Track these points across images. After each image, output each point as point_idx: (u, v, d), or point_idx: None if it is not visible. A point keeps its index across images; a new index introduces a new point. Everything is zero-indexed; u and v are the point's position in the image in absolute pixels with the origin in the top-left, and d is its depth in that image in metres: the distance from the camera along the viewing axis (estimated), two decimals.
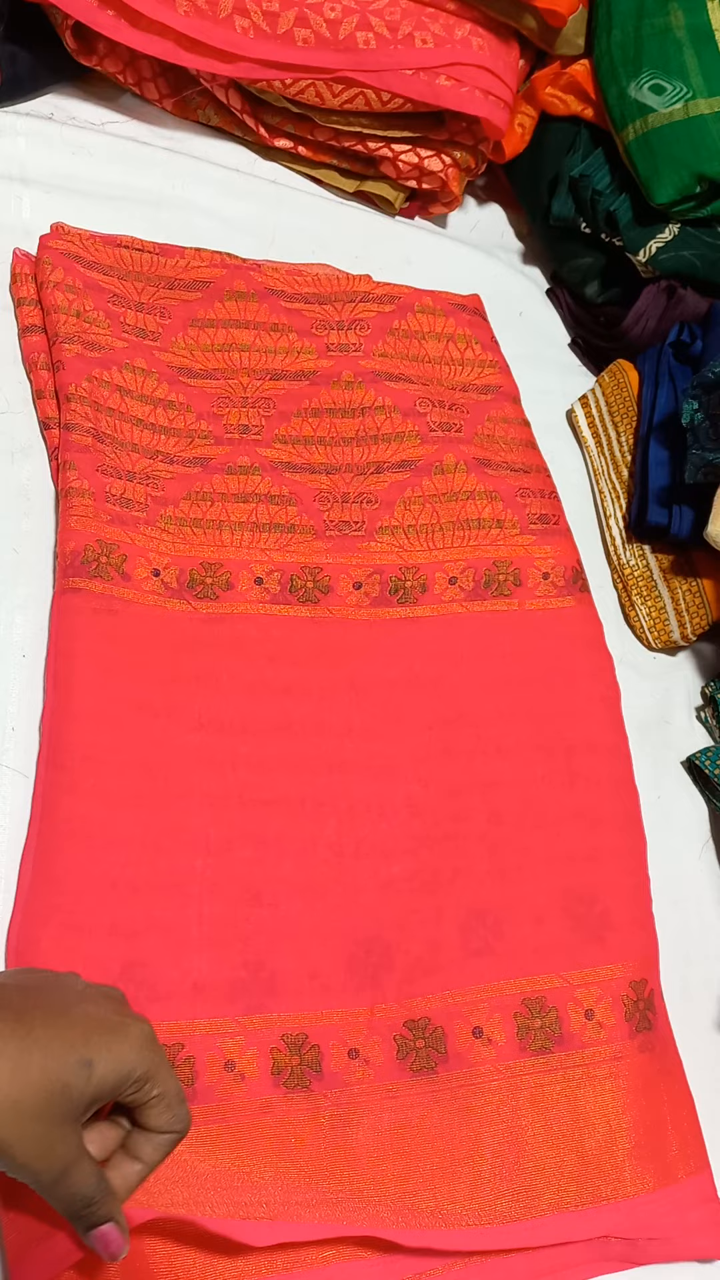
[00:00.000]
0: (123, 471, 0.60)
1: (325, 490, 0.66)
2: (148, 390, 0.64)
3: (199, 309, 0.69)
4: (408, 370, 0.73)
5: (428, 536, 0.67)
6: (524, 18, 0.80)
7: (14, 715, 0.54)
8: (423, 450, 0.69)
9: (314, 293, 0.73)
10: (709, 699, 0.74)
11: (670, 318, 0.82)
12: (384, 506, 0.67)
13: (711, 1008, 0.64)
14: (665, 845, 0.67)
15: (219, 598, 0.60)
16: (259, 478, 0.65)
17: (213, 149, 0.80)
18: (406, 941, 0.54)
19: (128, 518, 0.59)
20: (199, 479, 0.63)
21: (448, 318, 0.76)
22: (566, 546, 0.70)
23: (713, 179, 0.76)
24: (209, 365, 0.68)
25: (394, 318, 0.74)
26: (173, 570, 0.59)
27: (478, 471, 0.69)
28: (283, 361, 0.70)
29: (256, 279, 0.71)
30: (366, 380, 0.70)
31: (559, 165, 0.85)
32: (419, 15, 0.76)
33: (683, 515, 0.74)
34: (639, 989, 0.56)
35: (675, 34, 0.80)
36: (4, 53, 0.71)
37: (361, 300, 0.74)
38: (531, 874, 0.58)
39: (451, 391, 0.73)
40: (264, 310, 0.71)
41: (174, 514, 0.61)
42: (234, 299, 0.70)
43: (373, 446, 0.69)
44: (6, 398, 0.63)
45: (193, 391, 0.66)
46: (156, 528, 0.60)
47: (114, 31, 0.71)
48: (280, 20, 0.73)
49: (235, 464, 0.64)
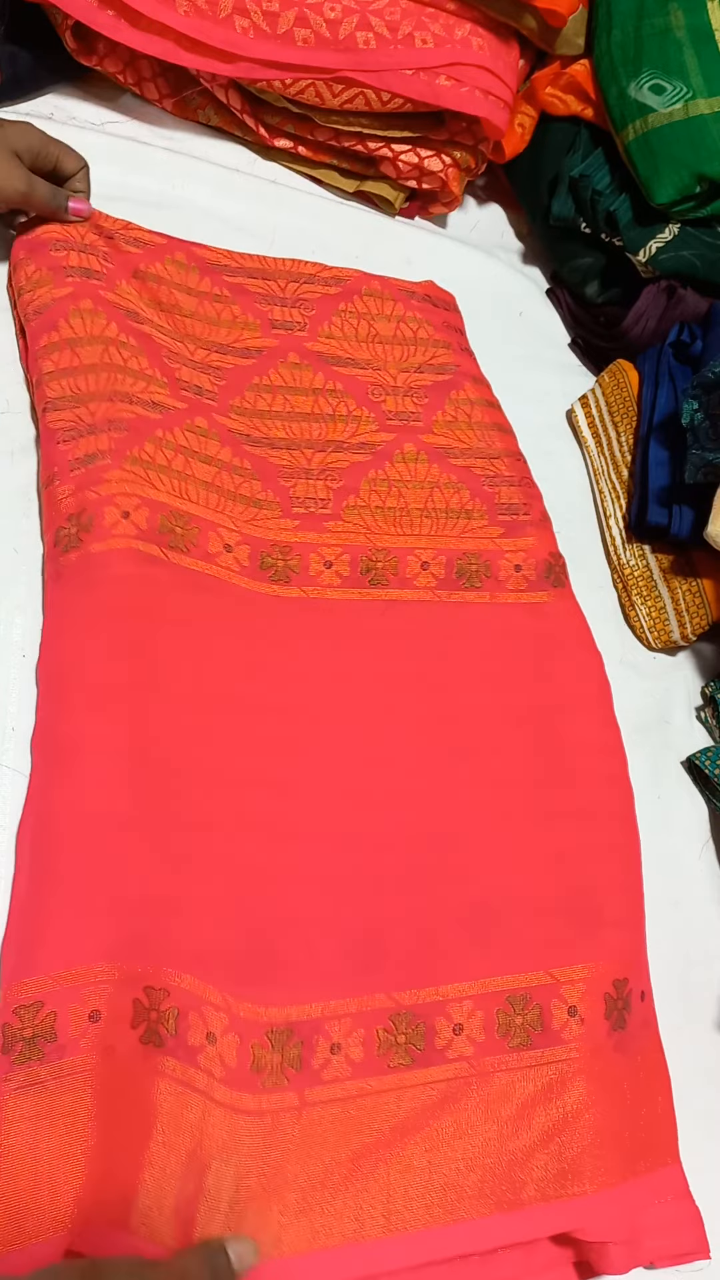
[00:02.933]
0: (84, 427, 0.59)
1: (287, 466, 0.65)
2: (96, 330, 0.63)
3: (140, 262, 0.68)
4: (356, 354, 0.72)
5: (395, 520, 0.66)
6: (524, 18, 0.80)
7: (14, 715, 0.54)
8: (382, 437, 0.68)
9: (257, 268, 0.72)
10: (709, 699, 0.74)
11: (670, 318, 0.82)
12: (348, 485, 0.66)
13: (711, 1008, 0.64)
14: (665, 845, 0.67)
15: (188, 551, 0.59)
16: (218, 445, 0.64)
17: (213, 149, 0.80)
18: (401, 936, 0.54)
19: (94, 472, 0.58)
20: (160, 424, 0.62)
21: (395, 302, 0.75)
22: (540, 537, 0.69)
23: (713, 179, 0.76)
24: (153, 317, 0.67)
25: (339, 300, 0.73)
26: (143, 512, 0.58)
27: (440, 462, 0.68)
28: (227, 335, 0.69)
29: (197, 253, 0.71)
30: (314, 364, 0.70)
31: (559, 165, 0.85)
32: (419, 15, 0.76)
33: (683, 515, 0.74)
34: (620, 988, 0.56)
35: (675, 34, 0.80)
36: (4, 53, 0.71)
37: (305, 281, 0.73)
38: (526, 871, 0.58)
39: (406, 374, 0.72)
40: (205, 282, 0.70)
41: (139, 454, 0.60)
42: (174, 265, 0.69)
43: (330, 425, 0.68)
44: (6, 398, 0.63)
45: (141, 335, 0.65)
46: (123, 469, 0.58)
47: (114, 31, 0.71)
48: (280, 20, 0.73)
49: (194, 423, 0.63)
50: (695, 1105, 0.59)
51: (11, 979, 0.46)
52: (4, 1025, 0.45)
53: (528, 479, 0.72)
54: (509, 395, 0.77)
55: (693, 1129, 0.58)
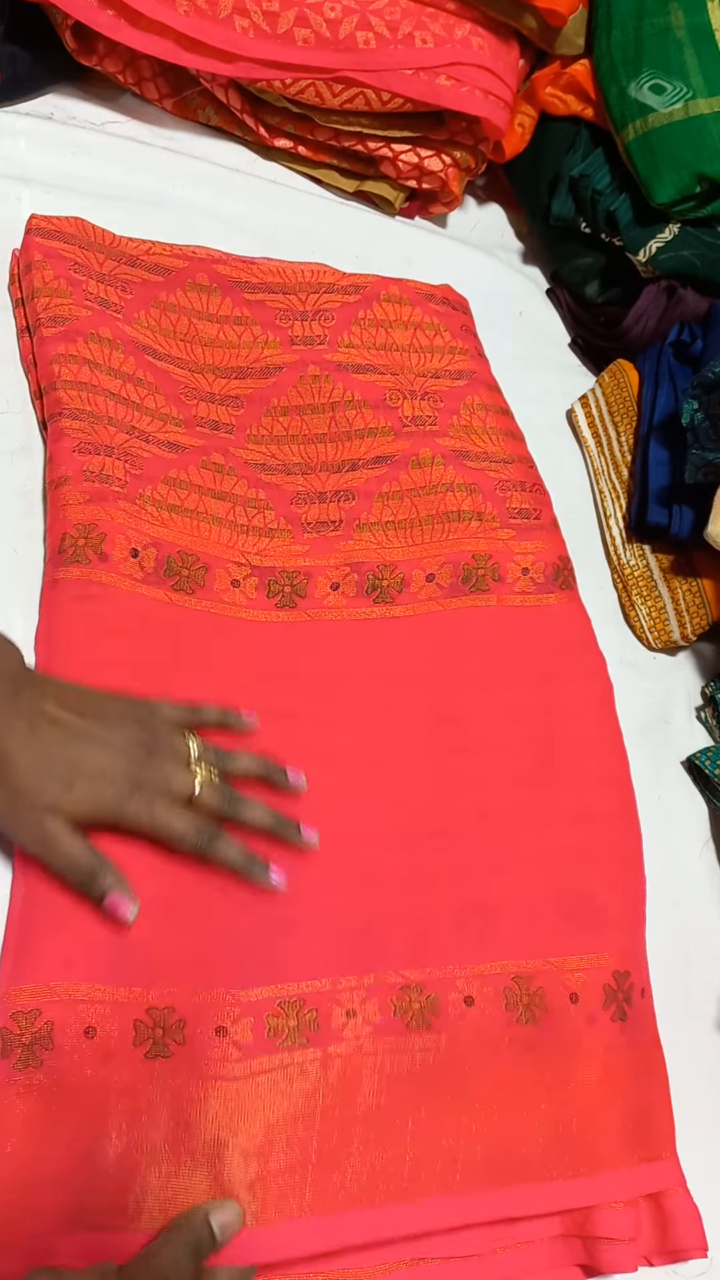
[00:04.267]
0: (100, 446, 0.59)
1: (301, 491, 0.65)
2: (115, 364, 0.63)
3: (160, 291, 0.68)
4: (375, 360, 0.72)
5: (406, 532, 0.66)
6: (524, 18, 0.80)
7: None
8: (397, 446, 0.68)
9: (278, 283, 0.72)
10: (709, 699, 0.74)
11: (670, 318, 0.82)
12: (362, 502, 0.66)
13: (711, 1008, 0.64)
14: (665, 845, 0.67)
15: (194, 593, 0.59)
16: (234, 479, 0.64)
17: (213, 149, 0.80)
18: (399, 934, 0.54)
19: (107, 493, 0.58)
20: (175, 464, 0.62)
21: (414, 306, 0.75)
22: (549, 541, 0.69)
23: (713, 179, 0.76)
24: (171, 351, 0.67)
25: (359, 307, 0.73)
26: (150, 552, 0.58)
27: (455, 464, 0.68)
28: (246, 357, 0.69)
29: (220, 271, 0.70)
30: (334, 374, 0.70)
31: (559, 165, 0.85)
32: (419, 15, 0.76)
33: (683, 515, 0.74)
34: (620, 980, 0.56)
35: (675, 34, 0.80)
36: (4, 53, 0.71)
37: (326, 291, 0.73)
38: (527, 871, 0.58)
39: (423, 379, 0.72)
40: (226, 304, 0.70)
41: (152, 494, 0.60)
42: (196, 290, 0.69)
43: (346, 444, 0.68)
44: (6, 398, 0.63)
45: (159, 372, 0.65)
46: (135, 504, 0.59)
47: (114, 31, 0.71)
48: (280, 20, 0.73)
49: (210, 460, 0.63)
50: (695, 1105, 0.59)
51: (9, 984, 0.46)
52: (2, 1029, 0.45)
53: (539, 484, 0.72)
54: (509, 395, 0.77)
55: (693, 1128, 0.58)
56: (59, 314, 0.62)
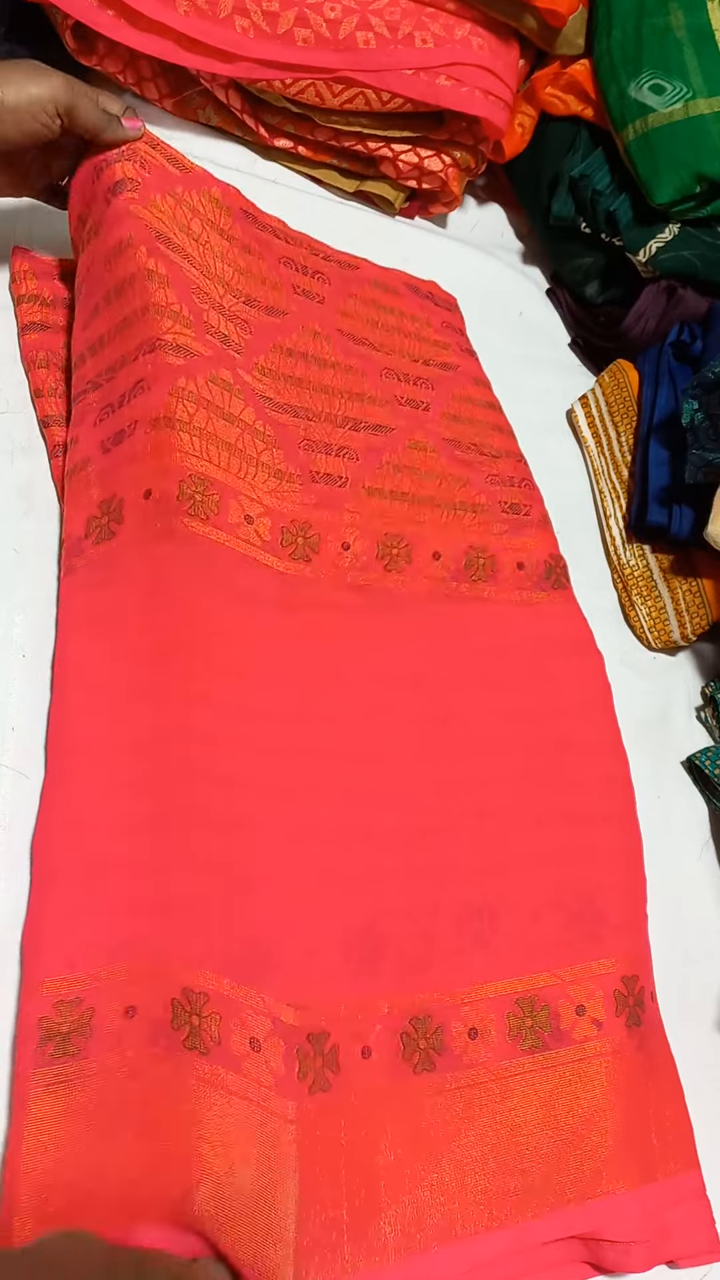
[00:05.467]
0: (115, 400, 0.57)
1: (305, 438, 0.64)
2: (132, 267, 0.57)
3: (177, 185, 0.63)
4: (370, 336, 0.71)
5: (410, 507, 0.66)
6: (524, 18, 0.80)
7: (14, 715, 0.54)
8: (396, 421, 0.68)
9: (281, 229, 0.72)
10: (709, 699, 0.74)
11: (670, 318, 0.82)
12: (365, 464, 0.65)
13: (711, 1008, 0.64)
14: (665, 845, 0.67)
15: (208, 519, 0.56)
16: (241, 403, 0.60)
17: (213, 149, 0.80)
18: (402, 932, 0.54)
19: (122, 453, 0.56)
20: (182, 371, 0.57)
21: (401, 296, 0.75)
22: (540, 538, 0.69)
23: (713, 179, 0.76)
24: (186, 246, 0.62)
25: (353, 284, 0.73)
26: (162, 484, 0.55)
27: (448, 454, 0.68)
28: (254, 288, 0.67)
29: (232, 194, 0.67)
30: (334, 338, 0.69)
31: (559, 165, 0.85)
32: (419, 15, 0.76)
33: (683, 515, 0.74)
34: (630, 985, 0.56)
35: (675, 34, 0.80)
36: (4, 53, 0.71)
37: (324, 257, 0.73)
38: (527, 871, 0.58)
39: (414, 364, 0.72)
40: (237, 228, 0.67)
41: (161, 413, 0.55)
42: (210, 201, 0.65)
43: (347, 402, 0.67)
44: (6, 398, 0.63)
45: (171, 265, 0.59)
46: (146, 437, 0.56)
47: (114, 31, 0.71)
48: (280, 20, 0.73)
49: (218, 375, 0.59)
50: (695, 1105, 0.59)
51: (51, 973, 0.46)
52: (42, 1019, 0.45)
53: (528, 480, 0.72)
54: (509, 395, 0.77)
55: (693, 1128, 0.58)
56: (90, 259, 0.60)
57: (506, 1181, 0.50)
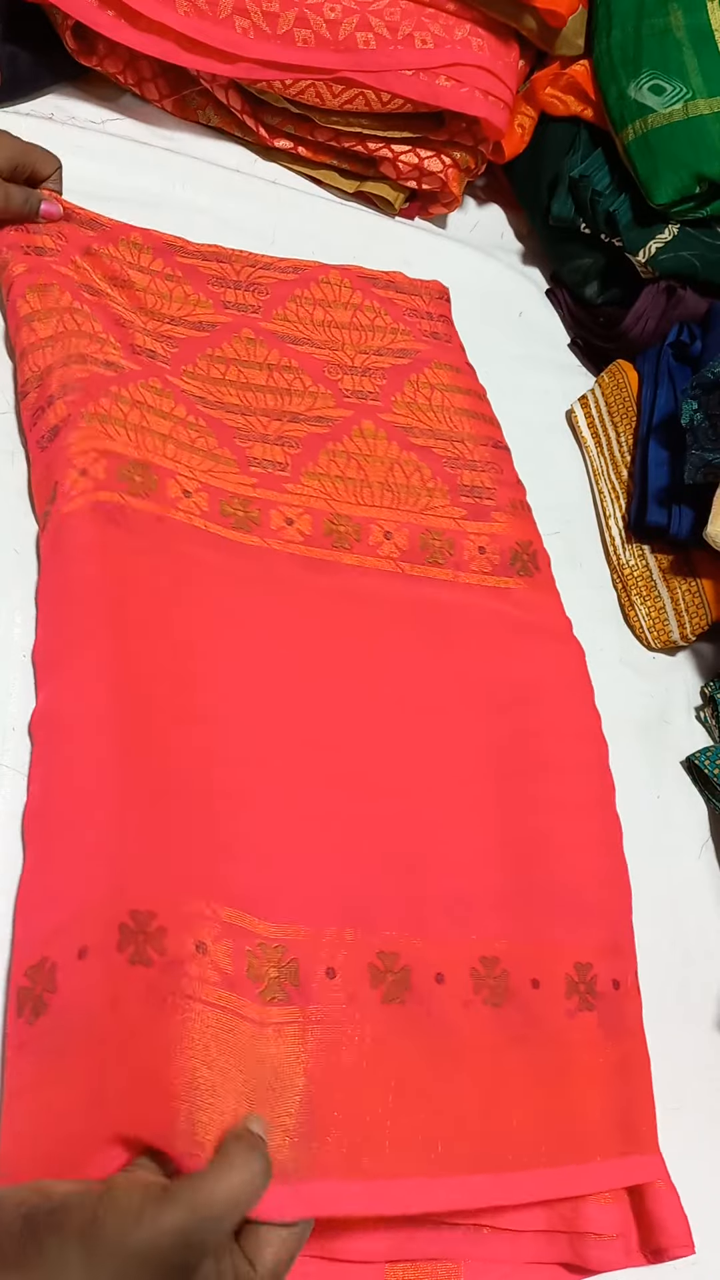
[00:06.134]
0: (44, 403, 0.59)
1: (242, 430, 0.64)
2: (50, 302, 0.62)
3: (93, 241, 0.67)
4: (312, 335, 0.71)
5: (356, 490, 0.65)
6: (524, 18, 0.80)
7: (14, 715, 0.54)
8: (339, 413, 0.68)
9: (211, 252, 0.72)
10: (709, 699, 0.74)
11: (670, 318, 0.83)
12: (306, 452, 0.65)
13: (712, 1008, 0.64)
14: (665, 845, 0.67)
15: (148, 496, 0.58)
16: (172, 403, 0.62)
17: (213, 149, 0.80)
18: (379, 908, 0.53)
19: (56, 446, 0.57)
20: (114, 380, 0.60)
21: (354, 290, 0.75)
22: (508, 524, 0.67)
23: (712, 179, 0.77)
24: (107, 290, 0.66)
25: (295, 286, 0.73)
26: (100, 464, 0.56)
27: (399, 439, 0.68)
28: (179, 309, 0.68)
29: (152, 235, 0.70)
30: (269, 341, 0.69)
31: (559, 165, 0.85)
32: (419, 15, 0.76)
33: (682, 515, 0.74)
34: (582, 971, 0.56)
35: (675, 34, 0.80)
36: (4, 53, 0.71)
37: (263, 268, 0.73)
38: (497, 856, 0.57)
39: (364, 356, 0.71)
40: (158, 262, 0.69)
41: (94, 410, 0.58)
42: (128, 246, 0.69)
43: (286, 398, 0.67)
44: (6, 398, 0.63)
45: (95, 304, 0.64)
46: (79, 429, 0.57)
47: (114, 31, 0.71)
48: (280, 20, 0.73)
49: (149, 383, 0.62)
50: (695, 1105, 0.59)
51: (20, 945, 0.46)
52: (19, 989, 0.44)
53: (497, 465, 0.70)
54: (509, 395, 0.78)
55: (692, 1128, 0.58)
56: (5, 284, 0.63)
57: (452, 1129, 0.49)
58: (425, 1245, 0.49)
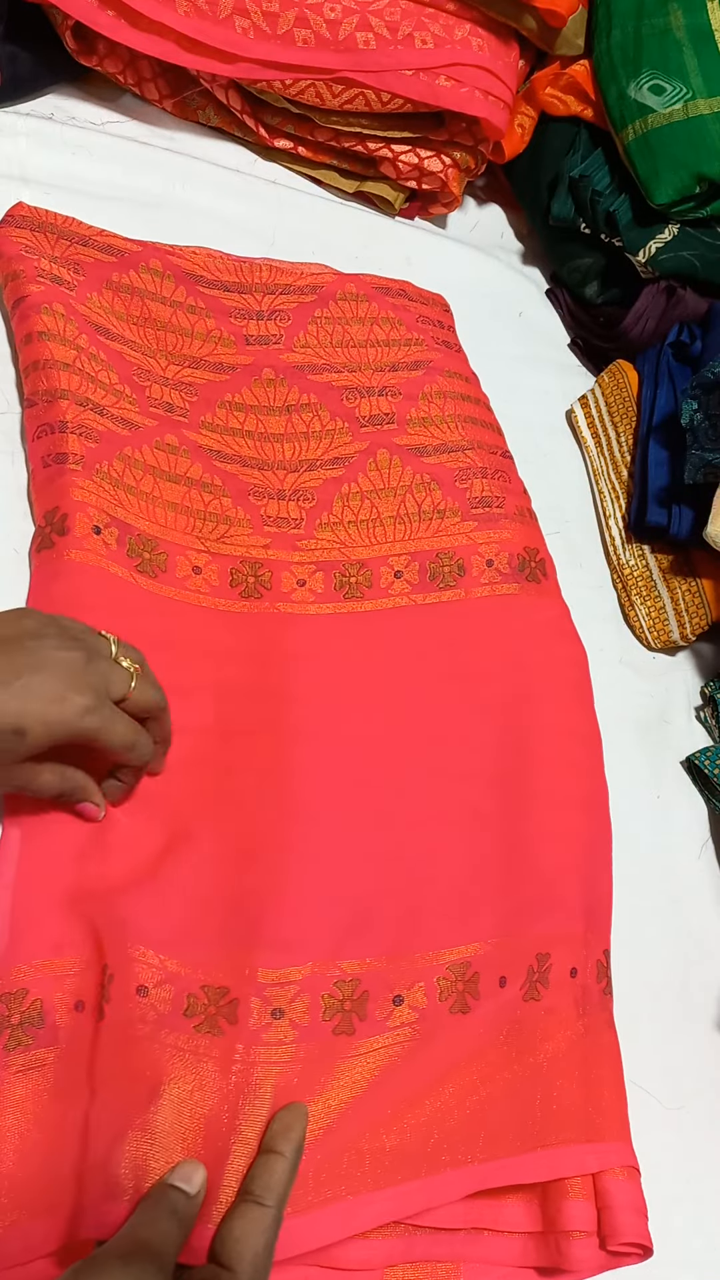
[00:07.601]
0: (55, 424, 0.59)
1: (258, 486, 0.65)
2: (69, 335, 0.61)
3: (112, 272, 0.67)
4: (333, 359, 0.72)
5: (369, 530, 0.66)
6: (524, 18, 0.80)
7: None
8: (355, 447, 0.68)
9: (233, 281, 0.72)
10: (709, 699, 0.74)
11: (670, 318, 0.83)
12: (321, 503, 0.66)
13: (711, 1007, 0.64)
14: (665, 845, 0.67)
15: (157, 577, 0.59)
16: (188, 462, 0.63)
17: (213, 149, 0.81)
18: (377, 914, 0.53)
19: (65, 472, 0.57)
20: (129, 441, 0.61)
21: (370, 302, 0.75)
22: (515, 531, 0.68)
23: (712, 179, 0.77)
24: (124, 333, 0.66)
25: (315, 307, 0.73)
26: (112, 531, 0.57)
27: (413, 463, 0.68)
28: (200, 348, 0.68)
29: (173, 261, 0.70)
30: (289, 376, 0.69)
31: (559, 166, 0.85)
32: (419, 15, 0.76)
33: (682, 515, 0.74)
34: (541, 961, 0.56)
35: (675, 34, 0.80)
36: (4, 53, 0.71)
37: (282, 292, 0.73)
38: (497, 858, 0.57)
39: (381, 375, 0.72)
40: (180, 291, 0.69)
41: (109, 470, 0.59)
42: (149, 273, 0.69)
43: (303, 444, 0.68)
44: (6, 398, 0.63)
45: (112, 352, 0.64)
46: (93, 480, 0.58)
47: (114, 31, 0.71)
48: (280, 20, 0.73)
49: (163, 441, 0.63)
50: (695, 1105, 0.59)
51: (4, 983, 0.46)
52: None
53: (502, 471, 0.71)
54: (509, 395, 0.78)
55: (692, 1129, 0.58)
56: (20, 295, 0.63)
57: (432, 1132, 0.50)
58: (425, 1250, 0.49)
